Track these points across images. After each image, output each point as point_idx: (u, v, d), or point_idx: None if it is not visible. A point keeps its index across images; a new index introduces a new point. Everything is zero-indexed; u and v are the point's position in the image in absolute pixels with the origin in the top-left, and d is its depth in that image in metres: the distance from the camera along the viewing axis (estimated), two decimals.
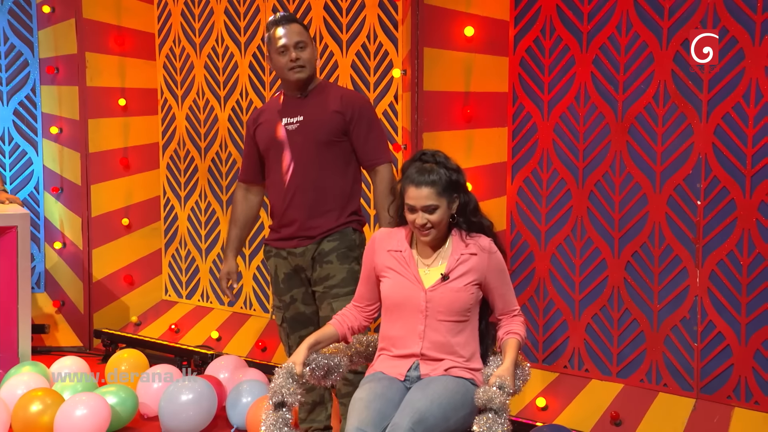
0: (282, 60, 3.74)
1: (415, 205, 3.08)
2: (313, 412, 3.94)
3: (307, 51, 3.75)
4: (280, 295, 3.90)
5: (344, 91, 3.91)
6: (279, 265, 3.88)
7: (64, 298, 6.24)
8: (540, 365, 4.48)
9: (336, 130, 3.75)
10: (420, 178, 3.08)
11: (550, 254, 4.44)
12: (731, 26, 3.82)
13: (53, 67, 6.18)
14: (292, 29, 3.74)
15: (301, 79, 3.74)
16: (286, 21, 3.76)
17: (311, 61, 3.76)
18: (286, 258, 3.85)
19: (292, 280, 3.87)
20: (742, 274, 3.88)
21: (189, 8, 5.95)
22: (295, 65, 3.72)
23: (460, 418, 2.99)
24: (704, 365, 4.01)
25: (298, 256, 3.81)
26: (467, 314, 3.12)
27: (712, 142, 3.92)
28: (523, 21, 4.43)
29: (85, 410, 4.25)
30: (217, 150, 5.89)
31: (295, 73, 3.74)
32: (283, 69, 3.75)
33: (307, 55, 3.75)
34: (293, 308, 3.87)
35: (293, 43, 3.72)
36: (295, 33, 3.74)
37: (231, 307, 5.90)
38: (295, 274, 3.86)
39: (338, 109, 3.75)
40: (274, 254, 3.90)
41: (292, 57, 3.71)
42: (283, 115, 3.80)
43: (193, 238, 6.10)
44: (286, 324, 3.90)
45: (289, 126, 3.78)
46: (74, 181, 6.14)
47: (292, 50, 3.72)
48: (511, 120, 4.52)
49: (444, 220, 3.11)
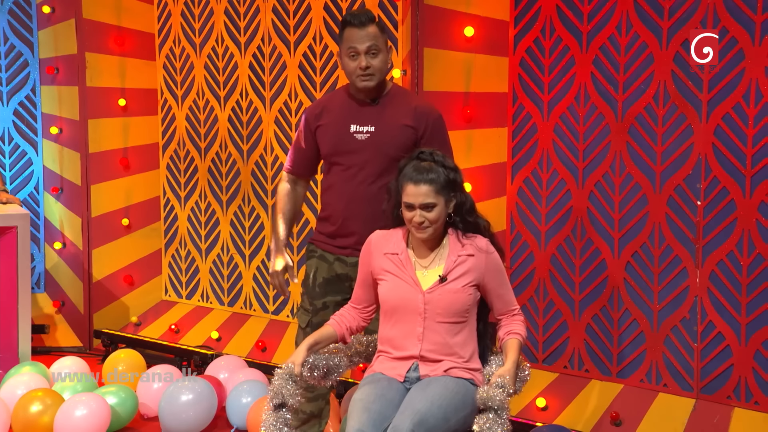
0: (351, 64, 3.50)
1: (413, 202, 3.08)
2: (306, 423, 3.72)
3: (379, 58, 3.49)
4: (312, 298, 3.68)
5: (418, 102, 3.70)
6: (320, 268, 3.67)
7: (64, 299, 6.24)
8: (540, 365, 4.48)
9: (407, 145, 3.53)
10: (418, 176, 3.08)
11: (550, 254, 4.44)
12: (731, 26, 3.82)
13: (53, 67, 6.17)
14: (366, 32, 3.47)
15: (369, 87, 3.52)
16: (361, 23, 3.48)
17: (382, 69, 3.52)
18: (332, 264, 3.65)
19: (330, 287, 3.65)
20: (742, 275, 3.88)
21: (189, 8, 5.95)
22: (363, 73, 3.49)
23: (461, 419, 2.99)
24: (704, 365, 4.01)
25: (348, 265, 3.62)
26: (465, 315, 3.12)
27: (712, 142, 3.92)
28: (523, 21, 4.43)
29: (85, 410, 4.25)
30: (217, 150, 5.89)
31: (363, 81, 3.50)
32: (351, 74, 3.52)
33: (379, 63, 3.49)
34: (322, 315, 3.62)
35: (364, 49, 3.47)
36: (369, 37, 3.47)
37: (231, 308, 5.91)
38: (337, 281, 3.65)
39: (411, 123, 3.55)
40: (318, 256, 3.69)
41: (362, 65, 3.47)
42: (352, 122, 3.58)
43: (193, 238, 6.11)
44: (311, 329, 3.61)
45: (358, 135, 3.55)
46: (74, 181, 6.14)
47: (363, 57, 3.47)
48: (511, 120, 4.52)
49: (441, 219, 3.11)
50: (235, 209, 5.82)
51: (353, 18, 3.51)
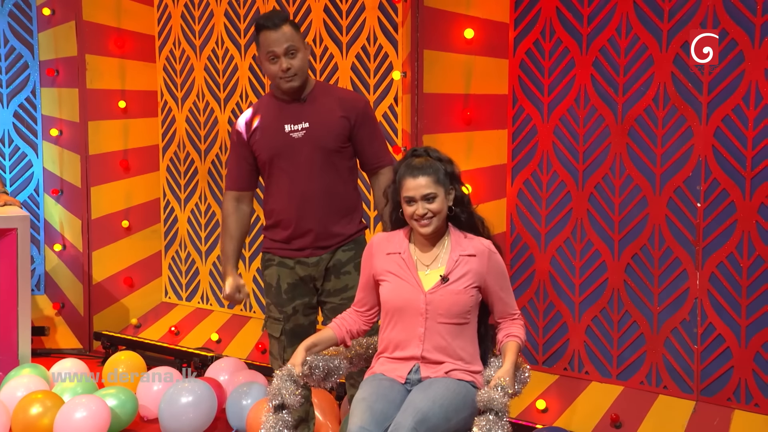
0: (272, 68, 3.53)
1: (414, 195, 3.07)
2: (296, 429, 3.69)
3: (299, 57, 3.54)
4: (281, 306, 3.68)
5: (343, 93, 3.78)
6: (282, 275, 3.67)
7: (64, 300, 6.24)
8: (540, 367, 4.48)
9: (343, 135, 3.61)
10: (416, 169, 3.08)
11: (550, 256, 4.44)
12: (731, 28, 3.83)
13: (53, 69, 6.18)
14: (281, 34, 3.51)
15: (294, 87, 3.57)
16: (275, 24, 3.52)
17: (303, 67, 3.56)
18: (293, 268, 3.66)
19: (296, 291, 3.67)
20: (742, 277, 3.88)
21: (189, 10, 5.95)
22: (285, 75, 3.53)
23: (461, 420, 2.99)
24: (704, 367, 4.01)
25: (310, 266, 3.65)
26: (467, 317, 3.12)
27: (712, 144, 3.92)
28: (523, 23, 4.43)
29: (85, 413, 4.24)
30: (216, 152, 5.89)
31: (287, 83, 3.54)
32: (274, 77, 3.57)
33: (299, 62, 3.54)
34: (294, 320, 3.68)
35: (283, 51, 3.51)
36: (285, 38, 3.51)
37: (231, 310, 5.90)
38: (302, 284, 3.67)
39: (343, 114, 3.61)
40: (276, 263, 3.69)
41: (283, 67, 3.51)
42: (285, 122, 3.61)
43: (193, 240, 6.11)
44: (285, 337, 3.68)
45: (294, 133, 3.59)
46: (74, 183, 6.14)
47: (283, 59, 3.52)
48: (511, 122, 4.52)
49: (443, 210, 3.10)
50: None
51: (267, 21, 3.54)
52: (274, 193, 3.68)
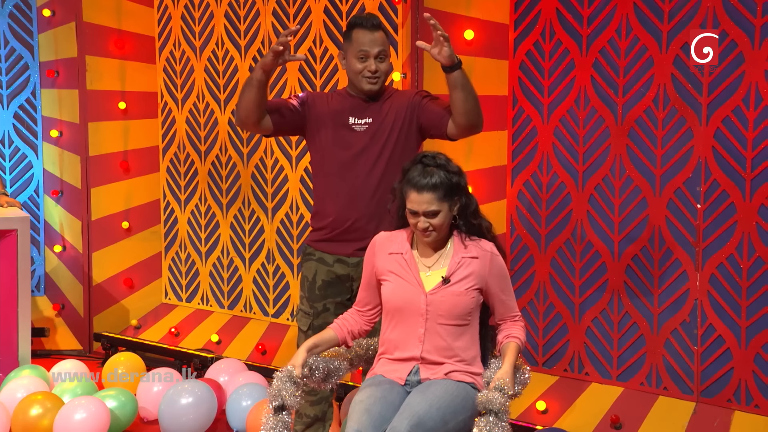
0: (358, 66, 3.57)
1: (417, 210, 3.08)
2: (310, 427, 3.72)
3: (386, 63, 3.59)
4: (313, 301, 3.68)
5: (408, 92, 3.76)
6: (319, 270, 3.66)
7: (64, 302, 6.24)
8: (540, 368, 4.48)
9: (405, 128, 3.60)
10: (422, 182, 3.07)
11: (550, 257, 4.44)
12: (731, 29, 3.83)
13: (53, 70, 6.18)
14: (377, 37, 3.57)
15: (374, 90, 3.59)
16: (373, 26, 3.58)
17: (387, 73, 3.61)
18: (332, 266, 3.64)
19: (331, 289, 3.66)
20: (742, 278, 3.88)
21: (189, 11, 5.95)
22: (372, 76, 3.56)
23: (460, 422, 2.99)
24: (704, 368, 4.01)
25: (350, 266, 3.63)
26: (468, 318, 3.12)
27: (712, 145, 3.92)
28: (522, 24, 4.44)
29: (85, 414, 4.24)
30: (217, 153, 5.89)
31: (369, 84, 3.57)
32: (357, 74, 3.58)
33: (385, 68, 3.59)
34: (323, 317, 3.65)
35: (375, 53, 3.56)
36: (379, 42, 3.56)
37: (231, 311, 5.91)
38: (338, 283, 3.65)
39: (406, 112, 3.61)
40: (316, 258, 3.68)
41: (372, 68, 3.55)
42: (351, 114, 3.62)
43: (193, 241, 6.10)
44: (312, 332, 3.61)
45: (356, 126, 3.61)
46: (74, 184, 6.14)
47: (372, 61, 3.56)
48: (511, 123, 4.52)
49: (446, 223, 3.12)
50: (235, 212, 5.82)
51: (364, 21, 3.60)
52: (323, 183, 3.67)
